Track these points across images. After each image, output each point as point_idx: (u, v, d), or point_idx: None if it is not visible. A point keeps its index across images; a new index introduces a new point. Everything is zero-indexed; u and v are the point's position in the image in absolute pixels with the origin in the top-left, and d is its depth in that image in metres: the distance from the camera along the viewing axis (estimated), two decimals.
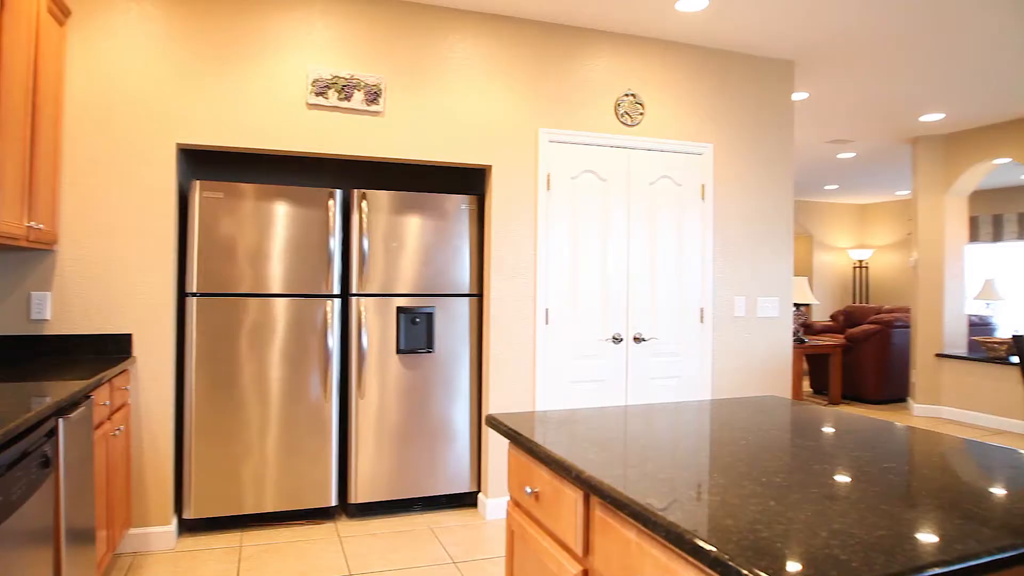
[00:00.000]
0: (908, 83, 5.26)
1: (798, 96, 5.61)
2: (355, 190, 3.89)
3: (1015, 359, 6.42)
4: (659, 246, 4.31)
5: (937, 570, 0.99)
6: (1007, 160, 6.67)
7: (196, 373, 3.59)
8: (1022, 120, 6.36)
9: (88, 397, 2.56)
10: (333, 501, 3.84)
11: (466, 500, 4.16)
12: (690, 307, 4.39)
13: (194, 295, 3.59)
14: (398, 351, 3.95)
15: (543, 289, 4.04)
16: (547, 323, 4.05)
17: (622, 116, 4.22)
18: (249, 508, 3.68)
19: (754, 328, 4.58)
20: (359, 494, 3.88)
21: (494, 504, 3.98)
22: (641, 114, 4.27)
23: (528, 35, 4.04)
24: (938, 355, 7.05)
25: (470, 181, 4.62)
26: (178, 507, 3.66)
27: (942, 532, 1.12)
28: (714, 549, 1.05)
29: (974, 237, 10.84)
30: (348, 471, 3.91)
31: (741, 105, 4.56)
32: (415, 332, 3.98)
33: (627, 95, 4.24)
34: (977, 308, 10.46)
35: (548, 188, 4.06)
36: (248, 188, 3.68)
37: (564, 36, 4.11)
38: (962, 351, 7.07)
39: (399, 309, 3.95)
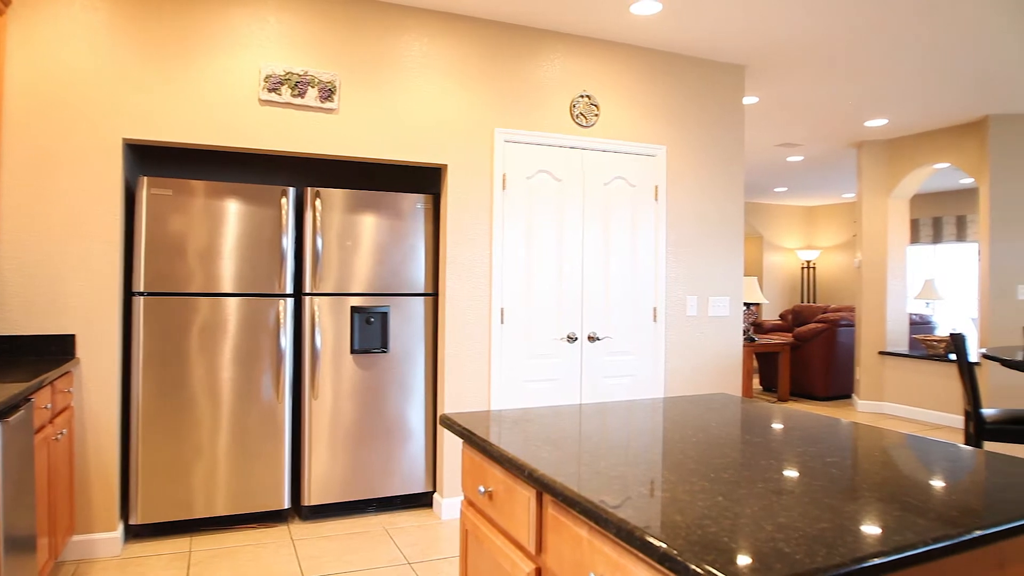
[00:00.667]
0: (853, 89, 5.42)
1: (749, 100, 5.73)
2: (309, 188, 3.84)
3: (953, 356, 6.68)
4: (613, 246, 4.36)
5: (875, 561, 1.03)
6: (946, 165, 6.93)
7: (143, 374, 3.50)
8: (959, 127, 6.62)
9: (28, 400, 2.47)
10: (286, 503, 3.79)
11: (421, 500, 4.15)
12: (643, 306, 4.45)
13: (141, 294, 3.50)
14: (352, 351, 3.91)
15: (498, 289, 4.05)
16: (502, 322, 4.06)
17: (577, 117, 4.26)
18: (199, 512, 3.61)
19: (706, 327, 4.67)
20: (312, 496, 3.84)
21: (449, 504, 3.98)
22: (596, 115, 4.32)
23: (484, 35, 4.04)
24: (881, 353, 7.28)
25: (425, 180, 4.60)
26: (124, 512, 3.57)
27: (881, 524, 1.17)
28: (663, 544, 1.07)
29: (915, 239, 11.24)
30: (301, 473, 3.86)
31: (694, 108, 4.65)
32: (370, 332, 3.95)
33: (582, 96, 4.28)
34: (918, 307, 10.85)
35: (504, 188, 4.07)
36: (198, 185, 3.60)
37: (520, 36, 4.13)
38: (904, 349, 7.32)
39: (353, 308, 3.91)
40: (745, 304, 8.92)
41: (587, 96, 4.29)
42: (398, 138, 3.86)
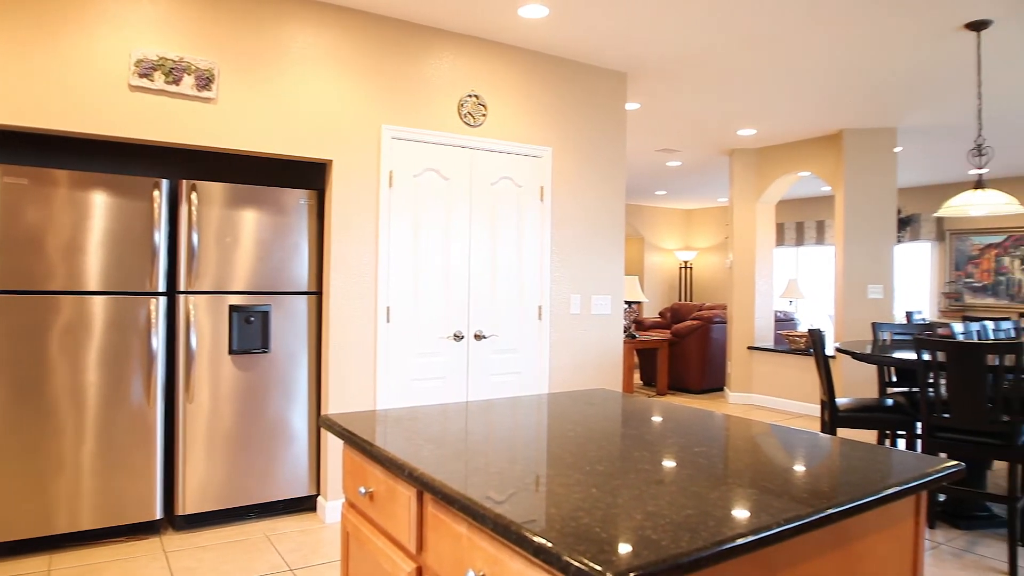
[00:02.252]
0: (726, 100, 5.74)
1: (631, 106, 5.95)
2: (184, 181, 3.66)
3: (812, 350, 7.22)
4: (500, 245, 4.42)
5: (734, 543, 1.11)
6: (807, 173, 7.46)
7: None
8: (819, 139, 7.15)
9: None
10: (158, 514, 3.59)
11: (305, 504, 4.05)
12: (529, 305, 4.54)
13: None
14: (231, 352, 3.76)
15: (384, 287, 4.01)
16: (388, 321, 4.03)
17: (465, 116, 4.28)
18: (62, 527, 3.36)
19: (589, 325, 4.82)
20: (188, 505, 3.66)
21: (334, 507, 3.91)
22: (484, 115, 4.35)
23: (372, 29, 3.99)
24: (750, 348, 7.76)
25: (310, 175, 4.48)
26: None
27: (741, 508, 1.26)
28: (537, 538, 1.11)
29: (780, 241, 12.04)
30: (175, 480, 3.67)
31: (579, 111, 4.78)
32: (250, 332, 3.81)
33: (470, 96, 4.30)
34: (782, 305, 11.63)
35: (391, 185, 4.04)
36: (60, 175, 3.35)
37: (410, 33, 4.10)
38: (770, 344, 7.83)
39: (232, 308, 3.77)
40: (626, 302, 9.26)
41: (475, 96, 4.32)
42: (281, 131, 3.74)
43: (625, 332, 8.18)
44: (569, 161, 4.73)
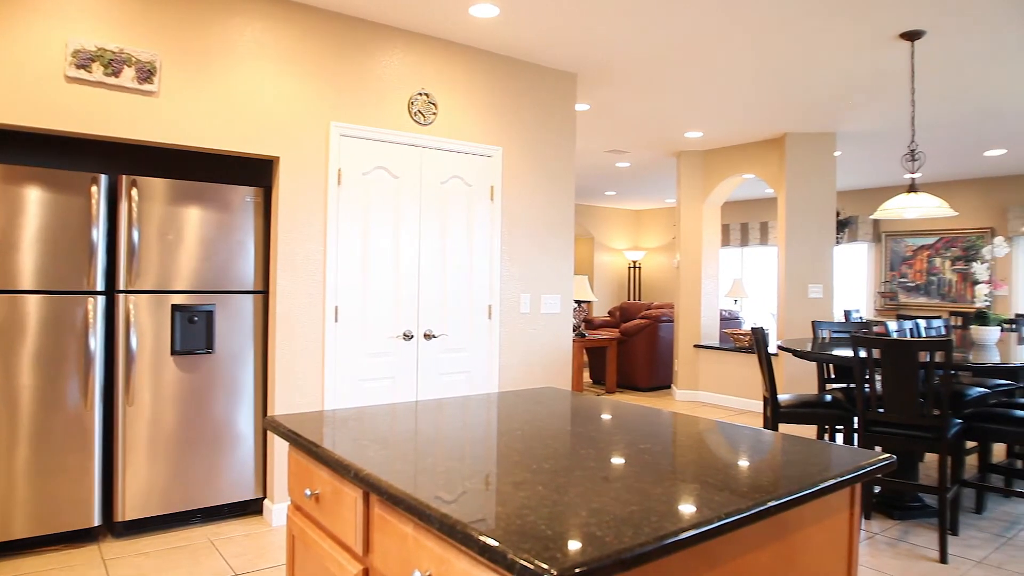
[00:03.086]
0: (673, 102, 5.84)
1: (581, 107, 6.01)
2: (124, 176, 3.55)
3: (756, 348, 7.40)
4: (450, 244, 4.41)
5: (676, 537, 1.13)
6: (752, 176, 7.65)
7: None
8: (763, 142, 7.33)
9: None
10: (96, 521, 3.48)
11: (251, 508, 3.97)
12: (479, 304, 4.54)
13: None
14: (174, 352, 3.67)
15: (332, 286, 3.96)
16: (336, 321, 3.98)
17: (415, 115, 4.26)
18: None
19: (538, 324, 4.84)
20: (128, 510, 3.56)
21: (280, 510, 3.84)
22: (434, 114, 4.34)
23: (321, 25, 3.93)
24: (696, 346, 7.91)
25: (257, 172, 4.40)
26: None
27: (683, 503, 1.28)
28: (483, 536, 1.11)
29: (726, 242, 12.30)
30: (115, 485, 3.56)
31: (529, 112, 4.80)
32: (193, 332, 3.72)
33: (421, 94, 4.28)
34: (728, 304, 11.89)
35: (339, 183, 3.99)
36: None
37: (359, 29, 4.06)
38: (715, 342, 8.00)
39: (175, 307, 3.67)
40: (576, 301, 9.34)
41: (426, 94, 4.30)
42: (226, 127, 3.66)
43: (575, 331, 8.25)
44: (519, 161, 4.75)
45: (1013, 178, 9.12)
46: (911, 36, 4.16)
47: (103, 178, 3.51)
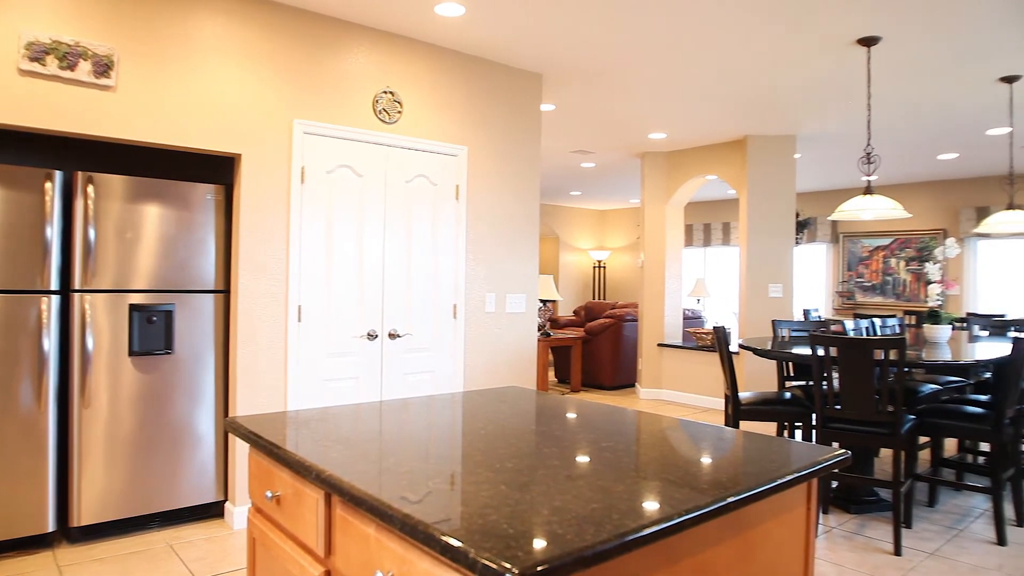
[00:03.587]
0: (637, 104, 5.90)
1: (546, 107, 6.03)
2: (80, 172, 3.46)
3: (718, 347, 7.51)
4: (415, 244, 4.39)
5: (636, 534, 1.15)
6: (714, 177, 7.76)
7: None
8: (725, 144, 7.44)
9: None
10: (51, 526, 3.39)
11: (212, 511, 3.91)
12: (444, 303, 4.53)
13: None
14: (132, 353, 3.59)
15: (296, 285, 3.92)
16: (300, 320, 3.94)
17: (380, 113, 4.23)
18: None
19: (503, 323, 4.85)
20: (84, 515, 3.47)
21: (242, 513, 3.79)
22: (399, 112, 4.32)
23: (284, 21, 3.88)
24: (660, 345, 8.00)
25: (219, 170, 4.33)
26: None
27: (645, 500, 1.30)
28: (444, 536, 1.12)
29: (689, 242, 12.46)
30: (70, 490, 3.47)
31: (495, 111, 4.80)
32: (152, 332, 3.65)
33: (386, 92, 4.26)
34: (691, 303, 12.05)
35: (303, 181, 3.95)
36: None
37: (323, 26, 4.02)
38: (679, 341, 8.10)
39: (133, 307, 3.59)
40: (541, 301, 9.37)
41: (391, 92, 4.28)
42: (187, 123, 3.59)
43: (540, 330, 8.27)
44: (485, 160, 4.75)
45: (964, 181, 9.40)
46: (867, 42, 4.26)
47: (58, 174, 3.42)
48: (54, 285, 3.41)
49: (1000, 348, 4.27)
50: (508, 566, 1.00)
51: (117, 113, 3.40)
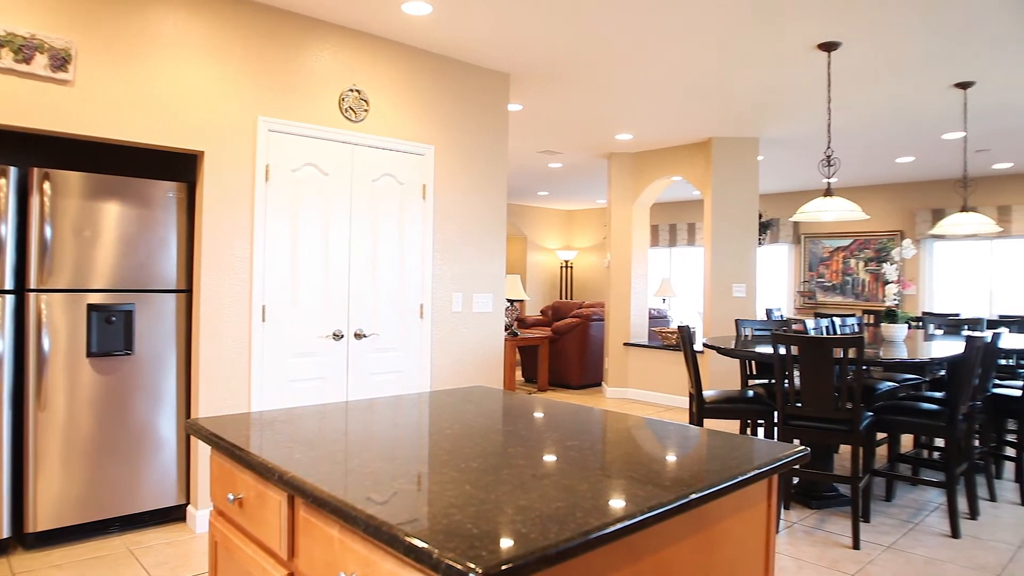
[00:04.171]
0: (604, 105, 5.94)
1: (513, 107, 6.04)
2: (35, 169, 3.38)
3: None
4: (381, 243, 4.37)
5: (599, 532, 1.16)
6: (680, 178, 7.85)
7: None
8: (690, 146, 7.53)
9: None
10: (6, 532, 3.30)
11: (174, 514, 3.84)
12: (410, 303, 4.52)
13: None
14: (90, 354, 3.51)
15: (260, 285, 3.87)
16: (264, 320, 3.89)
17: (346, 111, 4.20)
18: None
19: (470, 323, 4.85)
20: (40, 521, 3.39)
21: (204, 516, 3.73)
22: (366, 111, 4.29)
23: (249, 17, 3.83)
24: (626, 344, 8.06)
25: (181, 167, 4.25)
26: None
27: (608, 498, 1.31)
28: (408, 536, 1.12)
29: (655, 242, 12.58)
30: (25, 495, 3.38)
31: (462, 111, 4.80)
32: (111, 332, 3.57)
33: (352, 90, 4.23)
34: (656, 303, 12.17)
35: (267, 179, 3.90)
36: None
37: (289, 23, 3.97)
38: (644, 340, 8.17)
39: (91, 307, 3.52)
40: (508, 300, 9.38)
41: (357, 91, 4.25)
42: (147, 119, 3.52)
43: (507, 330, 8.28)
44: (452, 160, 4.74)
45: (921, 184, 9.64)
46: (828, 47, 4.35)
47: (12, 171, 3.33)
48: (8, 284, 3.32)
49: (954, 346, 4.40)
50: (472, 566, 1.00)
51: (75, 108, 3.32)
